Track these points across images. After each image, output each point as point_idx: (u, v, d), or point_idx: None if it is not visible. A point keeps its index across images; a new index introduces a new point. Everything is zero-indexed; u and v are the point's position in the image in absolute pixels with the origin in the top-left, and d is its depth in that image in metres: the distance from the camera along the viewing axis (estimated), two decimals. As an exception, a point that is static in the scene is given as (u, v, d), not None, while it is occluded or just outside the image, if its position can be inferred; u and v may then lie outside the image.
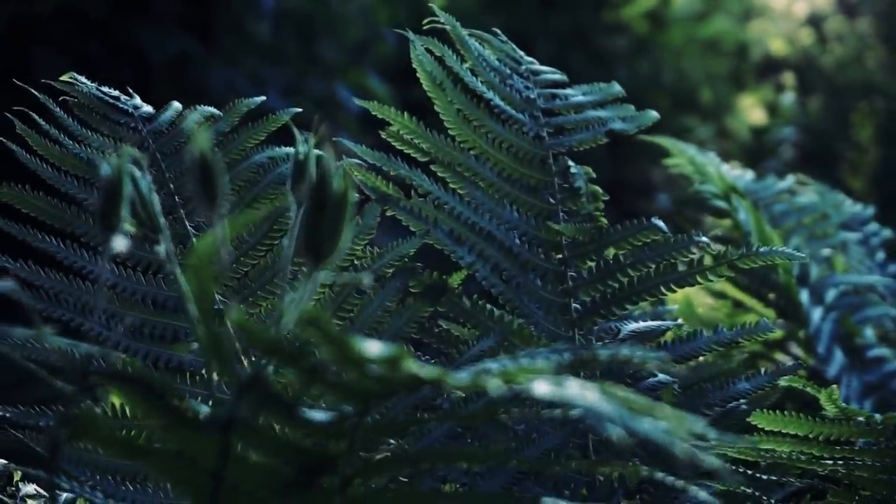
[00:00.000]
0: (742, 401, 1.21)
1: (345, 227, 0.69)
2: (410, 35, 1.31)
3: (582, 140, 1.33)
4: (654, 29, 6.86)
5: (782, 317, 1.74)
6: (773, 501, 1.06)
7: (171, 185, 1.22)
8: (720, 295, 1.79)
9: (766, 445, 1.04)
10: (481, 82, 1.33)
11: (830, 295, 1.73)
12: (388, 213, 1.26)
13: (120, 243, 0.77)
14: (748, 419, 1.08)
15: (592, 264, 1.28)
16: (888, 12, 10.05)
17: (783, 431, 1.03)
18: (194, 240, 1.18)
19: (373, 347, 0.63)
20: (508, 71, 1.37)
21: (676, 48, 6.91)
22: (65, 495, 1.03)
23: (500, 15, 6.84)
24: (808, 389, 1.06)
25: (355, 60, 4.25)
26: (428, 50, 1.31)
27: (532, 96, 1.35)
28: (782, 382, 1.13)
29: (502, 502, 0.72)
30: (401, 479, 0.96)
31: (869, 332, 1.76)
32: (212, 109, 1.26)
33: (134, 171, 0.84)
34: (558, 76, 1.39)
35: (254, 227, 1.21)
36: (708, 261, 1.22)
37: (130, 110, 1.24)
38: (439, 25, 1.35)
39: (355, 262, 1.24)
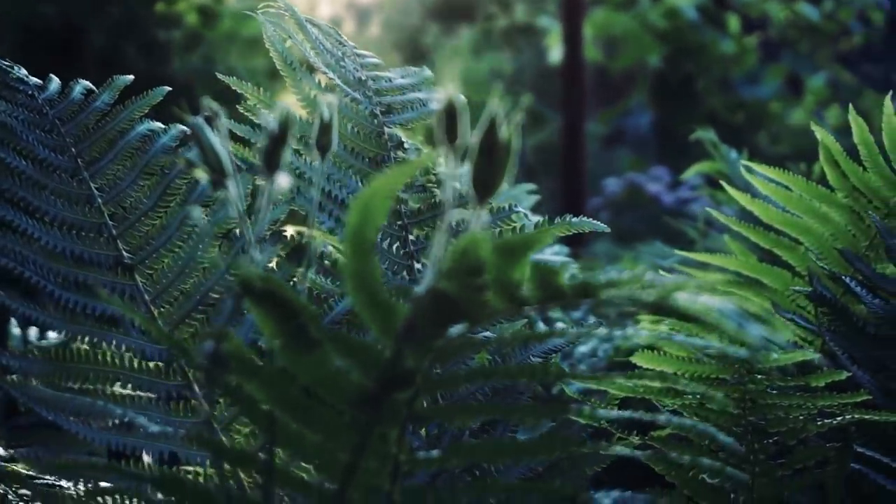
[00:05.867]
0: (555, 354, 1.44)
1: (508, 168, 0.80)
2: (260, 17, 1.39)
3: (409, 119, 1.49)
4: (204, 23, 6.98)
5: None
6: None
7: (73, 149, 1.21)
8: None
9: (642, 382, 1.26)
10: (323, 63, 1.44)
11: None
12: (258, 182, 1.34)
13: (283, 180, 0.84)
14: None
15: (429, 230, 1.44)
16: (397, 21, 10.94)
17: (658, 370, 1.27)
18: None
19: (548, 258, 0.77)
20: (340, 53, 1.49)
21: (223, 44, 7.11)
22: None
23: (52, 3, 6.53)
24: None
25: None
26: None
27: (363, 77, 1.48)
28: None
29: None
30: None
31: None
32: (88, 84, 1.28)
33: (200, 122, 0.89)
34: (377, 60, 1.53)
35: (149, 191, 1.23)
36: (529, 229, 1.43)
37: (24, 78, 1.22)
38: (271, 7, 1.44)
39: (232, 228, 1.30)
